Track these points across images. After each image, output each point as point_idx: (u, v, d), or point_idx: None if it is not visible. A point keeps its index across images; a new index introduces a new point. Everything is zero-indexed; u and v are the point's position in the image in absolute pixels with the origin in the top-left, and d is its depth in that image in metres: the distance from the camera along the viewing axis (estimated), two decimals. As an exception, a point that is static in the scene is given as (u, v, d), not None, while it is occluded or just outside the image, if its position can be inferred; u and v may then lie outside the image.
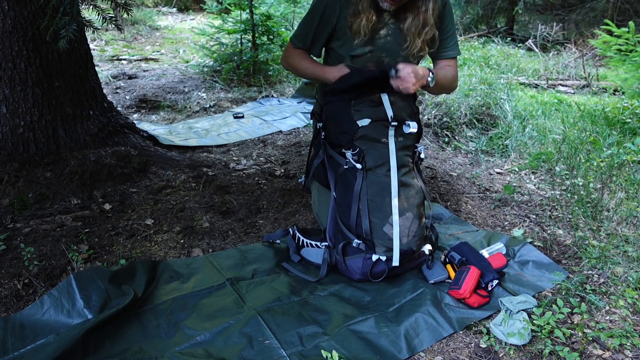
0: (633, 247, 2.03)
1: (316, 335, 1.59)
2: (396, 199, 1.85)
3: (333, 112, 1.96)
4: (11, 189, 2.38)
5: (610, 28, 3.84)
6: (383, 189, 1.86)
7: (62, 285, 1.69)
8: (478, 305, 1.73)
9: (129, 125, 3.00)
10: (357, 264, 1.86)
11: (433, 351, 1.55)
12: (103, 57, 6.31)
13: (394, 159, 1.89)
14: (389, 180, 1.87)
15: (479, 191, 2.74)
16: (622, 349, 1.52)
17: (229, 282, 1.86)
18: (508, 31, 8.62)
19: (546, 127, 3.65)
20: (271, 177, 2.87)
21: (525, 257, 2.04)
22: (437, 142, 3.55)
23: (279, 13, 5.36)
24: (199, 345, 1.55)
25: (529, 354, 1.52)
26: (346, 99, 1.92)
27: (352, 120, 1.89)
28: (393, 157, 1.89)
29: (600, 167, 2.72)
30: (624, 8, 7.56)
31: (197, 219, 2.32)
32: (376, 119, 1.88)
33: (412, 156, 1.99)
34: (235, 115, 4.03)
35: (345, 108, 1.92)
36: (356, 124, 1.88)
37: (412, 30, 1.91)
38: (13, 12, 2.34)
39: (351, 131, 1.89)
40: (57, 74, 2.54)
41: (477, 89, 4.06)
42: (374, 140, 1.89)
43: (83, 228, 2.18)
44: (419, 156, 2.01)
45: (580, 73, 5.67)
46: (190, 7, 11.52)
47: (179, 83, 5.03)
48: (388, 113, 1.89)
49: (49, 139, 2.56)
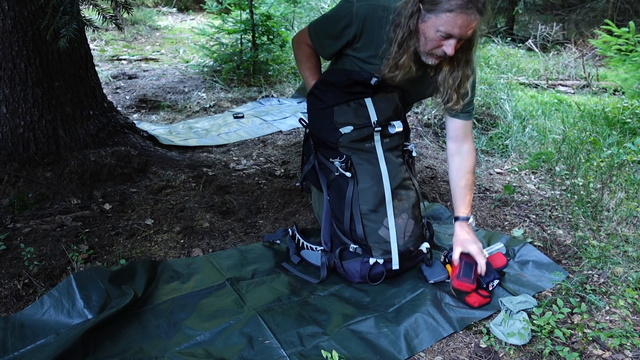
0: (633, 247, 2.03)
1: (316, 335, 1.59)
2: (390, 202, 1.84)
3: (316, 121, 1.93)
4: (11, 189, 2.38)
5: (611, 28, 3.84)
6: (376, 194, 1.84)
7: (62, 285, 1.69)
8: (478, 305, 1.73)
9: (129, 125, 3.00)
10: (355, 268, 1.86)
11: (433, 351, 1.55)
12: (103, 57, 6.31)
13: (383, 162, 1.86)
14: (381, 184, 1.84)
15: (479, 191, 2.74)
16: (622, 349, 1.52)
17: (229, 282, 1.86)
18: (508, 31, 8.62)
19: (546, 127, 3.65)
20: (271, 177, 2.87)
21: (525, 257, 2.04)
22: (437, 142, 3.55)
23: (279, 13, 5.37)
24: (199, 345, 1.55)
25: (529, 354, 1.52)
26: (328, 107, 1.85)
27: (335, 128, 1.84)
28: (382, 159, 1.86)
29: (600, 167, 2.72)
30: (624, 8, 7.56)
31: (197, 219, 2.32)
32: (359, 126, 1.83)
33: (402, 155, 1.95)
34: (235, 115, 4.03)
35: (327, 116, 1.86)
36: (339, 131, 1.83)
37: (450, 83, 1.78)
38: (13, 12, 2.34)
39: (334, 139, 1.85)
40: (57, 74, 2.54)
41: (477, 89, 4.06)
42: (359, 145, 1.85)
43: (83, 228, 2.18)
44: (410, 154, 1.97)
45: (580, 73, 5.67)
46: (190, 7, 11.53)
47: (179, 83, 5.03)
48: (372, 118, 1.84)
49: (49, 139, 2.56)
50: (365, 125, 1.84)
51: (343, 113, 1.85)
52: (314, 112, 1.94)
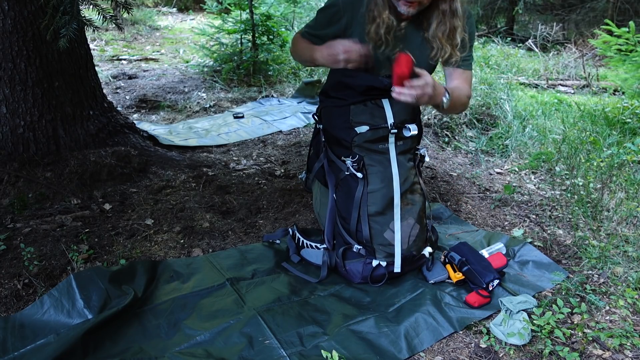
0: (633, 247, 2.03)
1: (316, 335, 1.59)
2: (399, 205, 1.83)
3: (331, 118, 1.92)
4: (11, 189, 2.38)
5: (611, 28, 3.84)
6: (384, 196, 1.83)
7: (62, 285, 1.69)
8: (478, 305, 1.73)
9: (129, 125, 3.00)
10: (357, 268, 1.85)
11: (433, 351, 1.55)
12: (103, 57, 6.31)
13: (395, 165, 1.84)
14: (391, 187, 1.83)
15: (479, 191, 2.74)
16: (622, 349, 1.52)
17: (229, 282, 1.86)
18: (508, 31, 8.62)
19: (546, 127, 3.65)
20: (271, 177, 2.87)
21: (525, 257, 2.04)
22: (437, 142, 3.55)
23: (279, 13, 5.37)
24: (199, 345, 1.55)
25: (529, 354, 1.52)
26: (345, 105, 1.85)
27: (351, 127, 1.83)
28: (394, 162, 1.85)
29: (600, 167, 2.72)
30: (624, 8, 7.56)
31: (197, 219, 2.32)
32: (375, 127, 1.82)
33: (414, 159, 1.94)
34: (235, 115, 4.03)
35: (343, 114, 1.85)
36: (354, 130, 1.82)
37: (440, 36, 1.80)
38: (13, 12, 2.34)
39: (349, 138, 1.83)
40: (57, 74, 2.54)
41: (477, 89, 4.06)
42: (373, 146, 1.84)
43: (83, 228, 2.18)
44: (421, 158, 1.96)
45: (580, 73, 5.67)
46: (190, 7, 11.52)
47: (179, 83, 5.03)
48: (388, 120, 1.82)
49: (49, 139, 2.56)
50: (380, 127, 1.82)
51: (359, 113, 1.84)
52: (329, 109, 1.93)
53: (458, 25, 1.79)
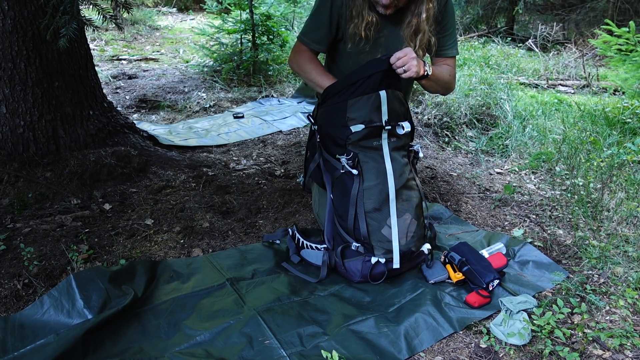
0: (633, 247, 2.03)
1: (316, 335, 1.59)
2: (394, 201, 1.84)
3: (327, 116, 1.94)
4: (11, 189, 2.38)
5: (611, 28, 3.84)
6: (380, 192, 1.84)
7: (62, 285, 1.69)
8: (478, 305, 1.73)
9: (129, 125, 3.00)
10: (356, 267, 1.86)
11: (433, 351, 1.55)
12: (103, 57, 6.31)
13: (388, 161, 1.87)
14: (386, 182, 1.85)
15: (479, 191, 2.74)
16: (622, 349, 1.52)
17: (229, 282, 1.86)
18: (508, 31, 8.61)
19: (546, 127, 3.65)
20: (271, 177, 2.87)
21: (525, 257, 2.04)
22: (437, 142, 3.55)
23: (279, 13, 5.37)
24: (199, 345, 1.55)
25: (529, 354, 1.52)
26: (342, 101, 1.87)
27: (346, 125, 1.85)
28: (388, 159, 1.87)
29: (600, 167, 2.72)
30: (624, 8, 7.56)
31: (197, 219, 2.32)
32: (370, 125, 1.84)
33: (408, 155, 1.97)
34: (235, 115, 4.03)
35: (340, 113, 1.87)
36: (349, 129, 1.84)
37: (406, 35, 1.92)
38: (13, 12, 2.34)
39: (344, 136, 1.85)
40: (57, 74, 2.54)
41: (477, 89, 4.06)
42: (367, 143, 1.86)
43: (83, 228, 2.18)
44: (416, 155, 1.99)
45: (580, 73, 5.67)
46: (190, 7, 11.52)
47: (179, 83, 5.03)
48: (383, 117, 1.85)
49: (49, 139, 2.56)
50: (375, 124, 1.85)
51: (356, 108, 1.85)
52: (325, 106, 1.95)
53: (422, 28, 1.90)
